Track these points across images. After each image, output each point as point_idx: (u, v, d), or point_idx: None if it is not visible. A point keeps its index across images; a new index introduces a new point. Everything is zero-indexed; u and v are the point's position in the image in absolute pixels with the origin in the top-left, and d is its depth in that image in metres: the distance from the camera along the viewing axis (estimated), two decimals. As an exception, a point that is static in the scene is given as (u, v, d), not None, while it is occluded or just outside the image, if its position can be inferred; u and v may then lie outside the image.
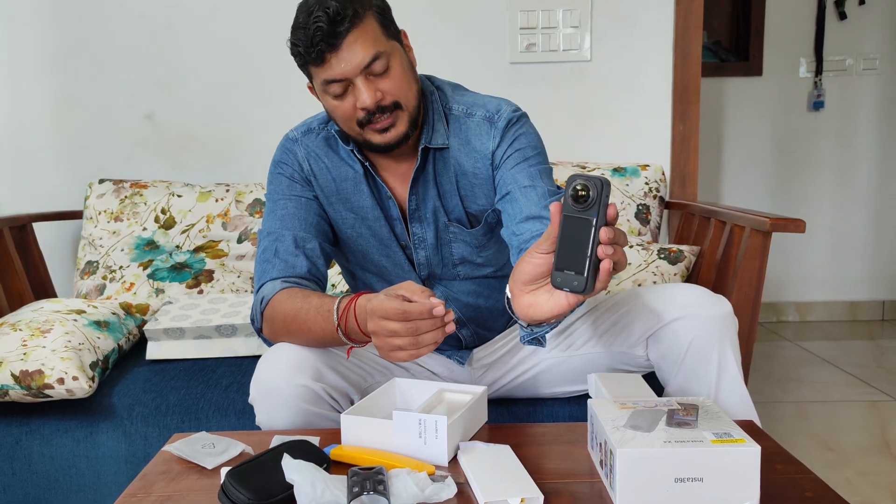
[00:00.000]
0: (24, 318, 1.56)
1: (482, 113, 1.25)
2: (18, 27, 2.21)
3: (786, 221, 1.51)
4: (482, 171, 1.25)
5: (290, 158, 1.29)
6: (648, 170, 2.11)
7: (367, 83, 1.11)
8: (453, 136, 1.25)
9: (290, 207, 1.26)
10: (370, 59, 1.10)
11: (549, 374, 1.35)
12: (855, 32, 3.43)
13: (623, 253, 0.83)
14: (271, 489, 0.84)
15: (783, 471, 0.93)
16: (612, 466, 0.84)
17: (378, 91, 1.12)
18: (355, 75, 1.11)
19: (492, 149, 1.23)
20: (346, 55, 1.09)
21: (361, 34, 1.09)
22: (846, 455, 2.03)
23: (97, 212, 2.00)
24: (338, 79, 1.11)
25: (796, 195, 3.52)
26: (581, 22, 2.20)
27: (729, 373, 1.16)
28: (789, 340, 3.25)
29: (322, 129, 1.30)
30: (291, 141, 1.31)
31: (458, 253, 1.30)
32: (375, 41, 1.11)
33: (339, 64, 1.10)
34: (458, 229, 1.28)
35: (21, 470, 1.47)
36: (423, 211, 1.27)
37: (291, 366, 1.11)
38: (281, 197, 1.27)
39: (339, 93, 1.13)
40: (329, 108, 1.19)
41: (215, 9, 2.21)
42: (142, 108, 2.24)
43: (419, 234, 1.28)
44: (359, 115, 1.14)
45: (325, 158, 1.28)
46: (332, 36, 1.08)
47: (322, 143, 1.29)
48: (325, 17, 1.07)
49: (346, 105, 1.14)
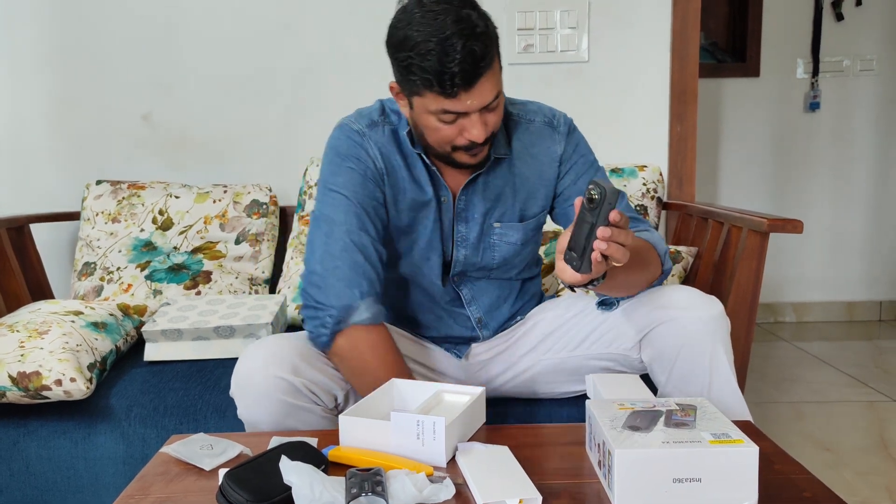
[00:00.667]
0: (22, 320, 1.55)
1: (541, 118, 1.32)
2: (16, 27, 2.20)
3: (783, 222, 1.52)
4: (547, 174, 1.32)
5: (363, 154, 1.26)
6: (646, 170, 2.11)
7: (480, 118, 1.13)
8: (515, 141, 1.30)
9: (360, 210, 1.23)
10: (493, 99, 1.13)
11: (546, 375, 1.36)
12: (852, 33, 3.43)
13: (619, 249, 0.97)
14: (270, 490, 0.84)
15: (781, 471, 0.93)
16: (611, 467, 0.84)
17: (487, 125, 1.15)
18: (475, 111, 1.12)
19: (559, 153, 1.32)
20: (477, 94, 1.10)
21: (492, 75, 1.11)
22: (844, 455, 2.04)
23: (94, 213, 2.00)
24: (458, 112, 1.12)
25: (793, 196, 3.53)
26: (578, 23, 2.21)
27: (721, 373, 1.17)
28: (787, 341, 3.26)
29: (383, 121, 1.29)
30: (359, 134, 1.27)
31: (500, 255, 1.33)
32: (499, 80, 1.14)
33: (466, 100, 1.10)
34: (505, 229, 1.31)
35: (19, 471, 1.46)
36: (471, 211, 1.29)
37: (267, 359, 1.13)
38: (352, 195, 1.23)
39: (450, 121, 1.14)
40: (426, 126, 1.17)
41: (213, 9, 2.21)
42: (139, 108, 2.24)
43: (463, 232, 1.30)
44: (460, 142, 1.16)
45: (393, 157, 1.27)
46: (473, 76, 1.08)
47: (389, 138, 1.28)
48: (471, 59, 1.06)
49: (450, 131, 1.15)
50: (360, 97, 2.23)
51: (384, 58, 1.17)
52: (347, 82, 2.21)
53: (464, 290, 1.36)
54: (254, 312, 1.67)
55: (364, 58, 2.20)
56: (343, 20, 2.20)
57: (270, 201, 2.06)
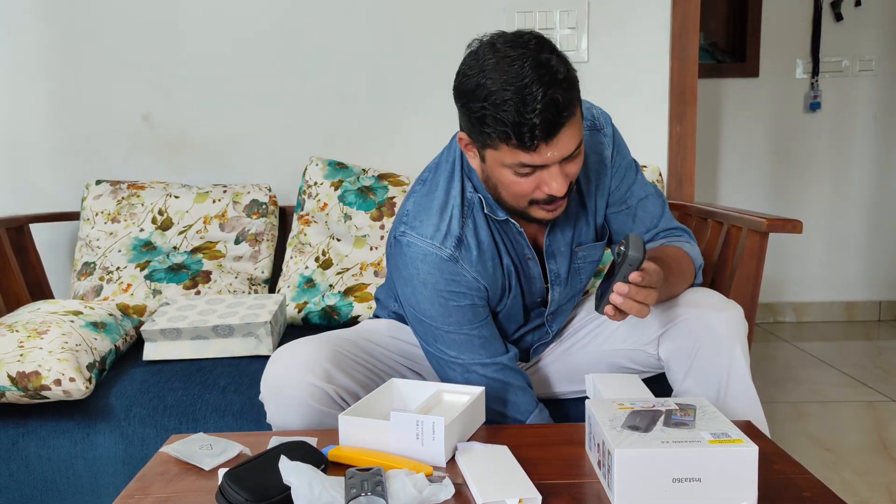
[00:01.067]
0: (21, 320, 1.55)
1: (585, 124, 1.22)
2: (16, 28, 2.20)
3: (783, 222, 1.52)
4: (605, 181, 1.25)
5: (462, 284, 1.17)
6: (646, 171, 2.11)
7: (561, 170, 1.04)
8: None
9: (489, 331, 1.21)
10: (574, 149, 1.04)
11: (564, 374, 1.38)
12: (851, 34, 3.43)
13: (635, 306, 1.03)
14: (269, 490, 0.84)
15: (781, 471, 0.93)
16: (610, 467, 0.84)
17: (567, 176, 1.06)
18: (555, 164, 1.03)
19: (610, 156, 1.25)
20: (558, 145, 1.01)
21: (575, 123, 1.02)
22: (843, 455, 2.04)
23: (94, 213, 2.00)
24: (537, 165, 1.03)
25: (793, 196, 3.53)
26: (578, 23, 2.21)
27: (738, 375, 1.17)
28: (786, 341, 3.26)
29: (464, 229, 1.17)
30: (452, 262, 1.16)
31: (586, 276, 1.32)
32: (581, 129, 1.05)
33: (546, 152, 1.01)
34: (588, 250, 1.28)
35: (18, 471, 1.46)
36: (555, 246, 1.24)
37: (301, 365, 1.12)
38: (475, 328, 1.20)
39: (527, 173, 1.04)
40: (501, 181, 1.08)
41: (212, 10, 2.20)
42: (139, 108, 2.24)
43: (554, 270, 1.27)
44: (538, 196, 1.07)
45: (489, 262, 1.19)
46: (554, 127, 0.98)
47: (474, 244, 1.18)
48: (554, 109, 0.97)
49: (527, 184, 1.06)
50: (359, 97, 2.24)
51: (384, 58, 1.16)
52: (347, 83, 2.21)
53: (553, 327, 1.35)
54: (253, 311, 1.67)
55: (363, 58, 2.20)
56: (342, 20, 2.20)
57: (270, 201, 2.06)
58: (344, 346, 1.22)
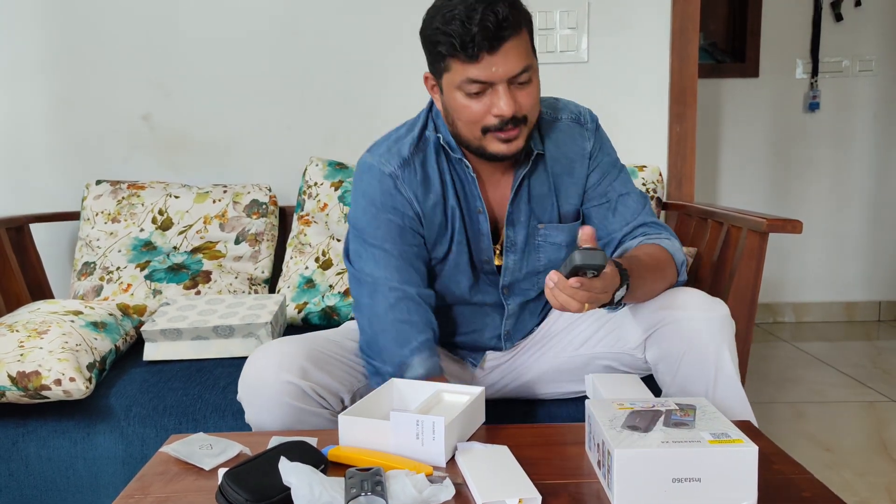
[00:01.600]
0: (21, 320, 1.55)
1: (567, 115, 1.31)
2: (15, 28, 2.20)
3: (782, 222, 1.52)
4: (578, 171, 1.30)
5: (397, 200, 1.23)
6: (645, 171, 2.11)
7: (508, 92, 1.11)
8: (547, 140, 1.29)
9: (404, 262, 1.23)
10: (520, 70, 1.11)
11: (549, 375, 1.36)
12: (851, 34, 3.43)
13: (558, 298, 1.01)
14: (269, 490, 0.84)
15: (780, 471, 0.93)
16: (610, 467, 0.84)
17: (517, 102, 1.12)
18: (501, 81, 1.10)
19: (589, 149, 1.30)
20: (501, 60, 1.08)
21: (520, 43, 1.10)
22: (843, 456, 2.04)
23: (94, 213, 2.00)
24: (483, 80, 1.10)
25: (792, 196, 3.53)
26: (578, 23, 2.21)
27: (726, 375, 1.16)
28: (786, 341, 3.26)
29: (415, 152, 1.25)
30: (392, 178, 1.23)
31: (545, 257, 1.32)
32: (528, 54, 1.12)
33: (490, 66, 1.08)
34: (549, 230, 1.30)
35: (18, 471, 1.46)
36: (517, 215, 1.28)
37: (277, 363, 1.12)
38: (393, 248, 1.23)
39: (475, 92, 1.11)
40: (455, 107, 1.15)
41: (213, 10, 2.21)
42: (139, 109, 2.24)
43: (511, 237, 1.29)
44: (489, 121, 1.14)
45: (431, 194, 1.24)
46: (495, 38, 1.07)
47: (420, 170, 1.24)
48: (494, 19, 1.06)
49: (478, 107, 1.13)
50: (359, 97, 2.24)
51: (384, 58, 1.17)
52: (347, 82, 2.21)
53: (510, 302, 1.35)
54: (253, 312, 1.67)
55: (363, 58, 2.20)
56: (342, 20, 2.20)
57: (270, 201, 2.06)
58: (323, 344, 1.22)
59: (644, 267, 1.15)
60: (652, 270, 1.18)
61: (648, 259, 1.19)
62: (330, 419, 1.16)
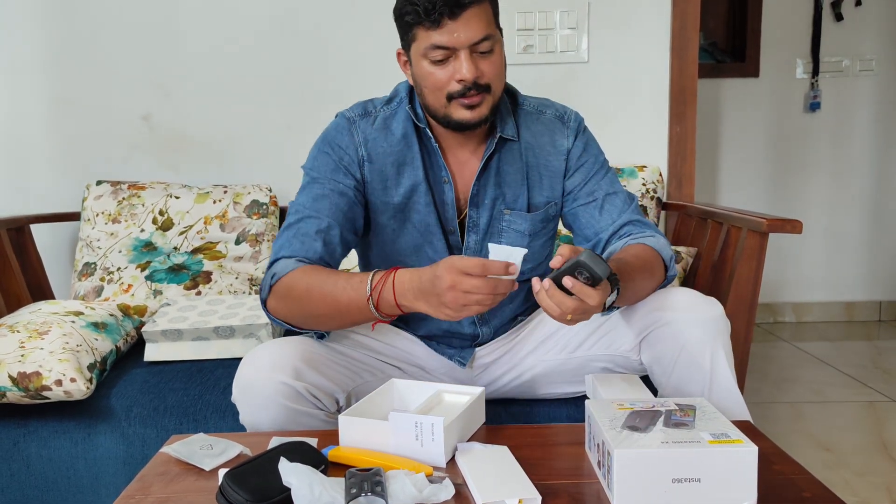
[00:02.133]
0: (22, 320, 1.55)
1: (552, 112, 1.35)
2: (16, 28, 2.20)
3: (782, 222, 1.52)
4: (554, 165, 1.33)
5: (345, 140, 1.29)
6: (645, 171, 2.11)
7: (471, 58, 1.16)
8: (524, 128, 1.32)
9: (326, 191, 1.26)
10: (482, 37, 1.15)
11: (547, 376, 1.36)
12: (851, 34, 3.43)
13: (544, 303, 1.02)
14: (269, 490, 0.84)
15: (781, 471, 0.94)
16: (610, 467, 0.85)
17: (478, 69, 1.16)
18: (463, 47, 1.15)
19: (568, 147, 1.34)
20: (462, 26, 1.13)
21: (481, 11, 1.15)
22: (843, 456, 2.04)
23: (95, 213, 2.00)
24: (446, 46, 1.14)
25: (793, 196, 3.53)
26: (578, 23, 2.21)
27: (721, 375, 1.16)
28: (786, 341, 3.26)
29: (379, 110, 1.31)
30: (348, 121, 1.30)
31: (507, 243, 1.33)
32: (490, 23, 1.17)
33: (452, 32, 1.13)
34: (514, 217, 1.32)
35: (19, 471, 1.46)
36: (482, 196, 1.30)
37: (271, 364, 1.12)
38: (320, 177, 1.27)
39: (439, 59, 1.16)
40: (422, 75, 1.20)
41: (212, 10, 2.21)
42: (139, 109, 2.24)
43: (474, 217, 1.31)
44: (452, 88, 1.18)
45: (383, 142, 1.29)
46: (456, 5, 1.12)
47: (381, 126, 1.30)
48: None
49: (442, 74, 1.17)
50: (358, 97, 2.24)
51: (384, 58, 1.18)
52: (347, 82, 2.21)
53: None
54: (253, 313, 1.68)
55: (364, 58, 2.20)
56: (343, 21, 2.21)
57: (270, 202, 2.06)
58: (317, 346, 1.22)
59: (632, 269, 1.15)
60: (640, 272, 1.18)
61: (636, 261, 1.19)
62: (324, 420, 1.15)
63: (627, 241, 1.26)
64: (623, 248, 1.25)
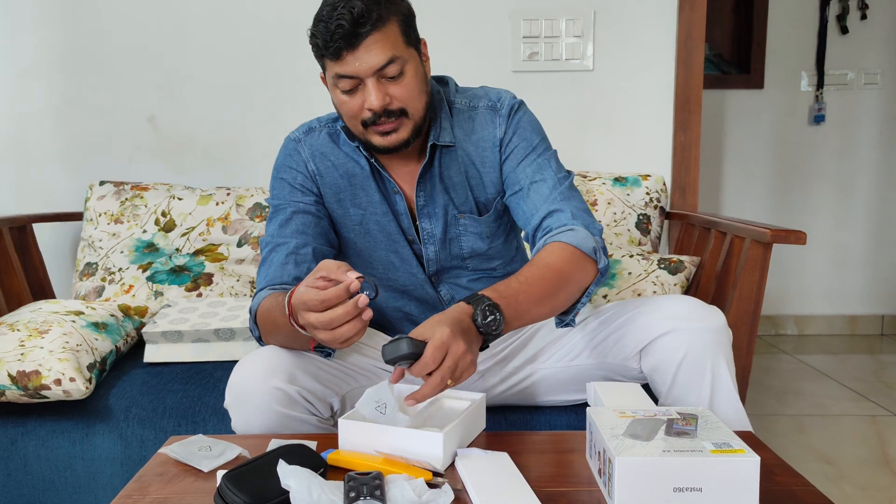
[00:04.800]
0: (23, 319, 1.55)
1: (484, 103, 1.30)
2: (21, 29, 2.21)
3: (786, 233, 1.51)
4: (490, 159, 1.29)
5: (294, 160, 1.31)
6: (649, 180, 2.11)
7: (377, 85, 1.14)
8: (458, 129, 1.29)
9: (288, 214, 1.27)
10: (385, 63, 1.12)
11: (546, 384, 1.35)
12: (856, 47, 3.44)
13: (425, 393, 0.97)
14: (268, 493, 0.84)
15: (782, 482, 0.93)
16: (611, 475, 0.84)
17: (387, 95, 1.15)
18: (367, 76, 1.13)
19: (499, 136, 1.29)
20: (363, 55, 1.11)
21: (381, 38, 1.12)
22: (845, 469, 2.03)
23: (97, 213, 2.00)
24: (349, 75, 1.13)
25: (796, 208, 3.53)
26: (584, 32, 2.21)
27: (723, 386, 1.15)
28: (788, 354, 3.25)
29: (324, 126, 1.33)
30: (294, 142, 1.33)
31: (468, 246, 1.33)
32: (394, 46, 1.13)
33: (353, 62, 1.12)
34: (469, 220, 1.31)
35: (16, 471, 1.46)
36: (431, 207, 1.29)
37: (265, 369, 1.11)
38: (281, 203, 1.29)
39: (348, 89, 1.16)
40: (336, 103, 1.21)
41: (218, 13, 2.21)
42: (143, 110, 2.25)
43: (428, 229, 1.30)
44: (364, 115, 1.17)
45: (330, 156, 1.30)
46: (352, 36, 1.10)
47: (326, 140, 1.32)
48: (349, 17, 1.09)
49: (353, 103, 1.17)
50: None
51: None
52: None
53: (442, 288, 1.36)
54: (255, 315, 1.67)
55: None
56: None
57: (273, 205, 2.06)
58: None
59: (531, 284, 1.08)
60: (547, 285, 1.10)
61: (540, 271, 1.11)
62: (316, 426, 1.14)
63: (546, 240, 1.18)
64: (539, 251, 1.17)
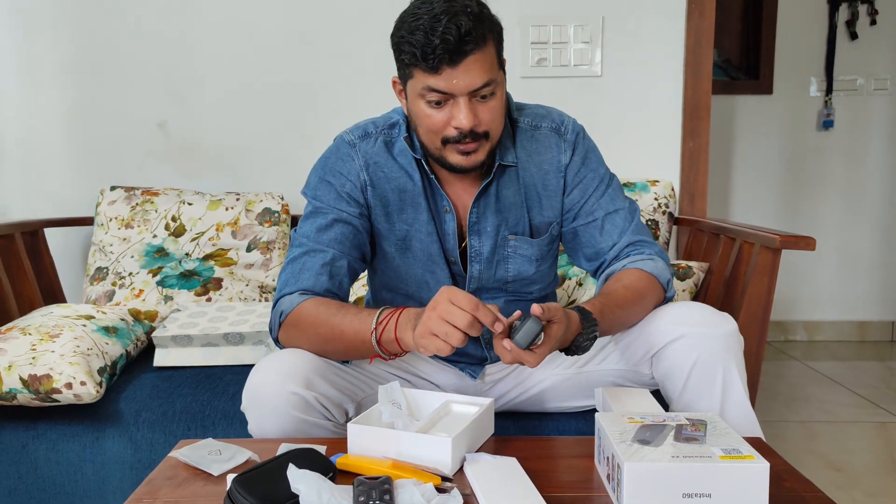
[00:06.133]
0: (34, 323, 1.56)
1: (548, 124, 1.29)
2: (37, 36, 2.23)
3: (796, 238, 1.51)
4: (553, 183, 1.29)
5: (346, 166, 1.26)
6: (658, 185, 2.11)
7: (469, 105, 1.11)
8: (520, 148, 1.28)
9: (330, 221, 1.24)
10: (482, 84, 1.10)
11: (556, 390, 1.35)
12: (866, 52, 3.43)
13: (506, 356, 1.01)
14: (277, 496, 0.84)
15: (792, 489, 0.93)
16: (620, 480, 0.84)
17: (477, 117, 1.12)
18: (462, 94, 1.10)
19: (564, 162, 1.28)
20: (463, 74, 1.08)
21: (482, 57, 1.10)
22: (854, 476, 2.02)
23: (108, 218, 2.01)
24: (444, 91, 1.10)
25: (805, 214, 3.51)
26: (592, 37, 2.21)
27: (734, 392, 1.15)
28: (797, 360, 3.23)
29: (380, 133, 1.28)
30: (349, 145, 1.27)
31: (514, 269, 1.31)
32: (491, 68, 1.11)
33: (451, 79, 1.09)
34: (520, 242, 1.29)
35: (27, 474, 1.47)
36: (482, 224, 1.27)
37: (283, 374, 1.11)
38: (323, 206, 1.25)
39: (436, 102, 1.12)
40: (417, 114, 1.16)
41: (228, 21, 2.23)
42: (154, 116, 2.26)
43: (476, 247, 1.28)
44: (449, 133, 1.14)
45: (384, 167, 1.26)
46: (455, 52, 1.07)
47: (381, 148, 1.27)
48: (455, 32, 1.05)
49: (438, 118, 1.13)
50: (372, 108, 2.24)
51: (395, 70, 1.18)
52: (360, 93, 2.23)
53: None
54: (263, 320, 1.68)
55: (377, 69, 2.21)
56: (356, 32, 2.22)
57: (282, 210, 2.07)
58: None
59: (619, 302, 1.16)
60: (628, 304, 1.18)
61: (625, 292, 1.18)
62: (332, 431, 1.15)
63: (626, 264, 1.24)
64: (620, 272, 1.24)
